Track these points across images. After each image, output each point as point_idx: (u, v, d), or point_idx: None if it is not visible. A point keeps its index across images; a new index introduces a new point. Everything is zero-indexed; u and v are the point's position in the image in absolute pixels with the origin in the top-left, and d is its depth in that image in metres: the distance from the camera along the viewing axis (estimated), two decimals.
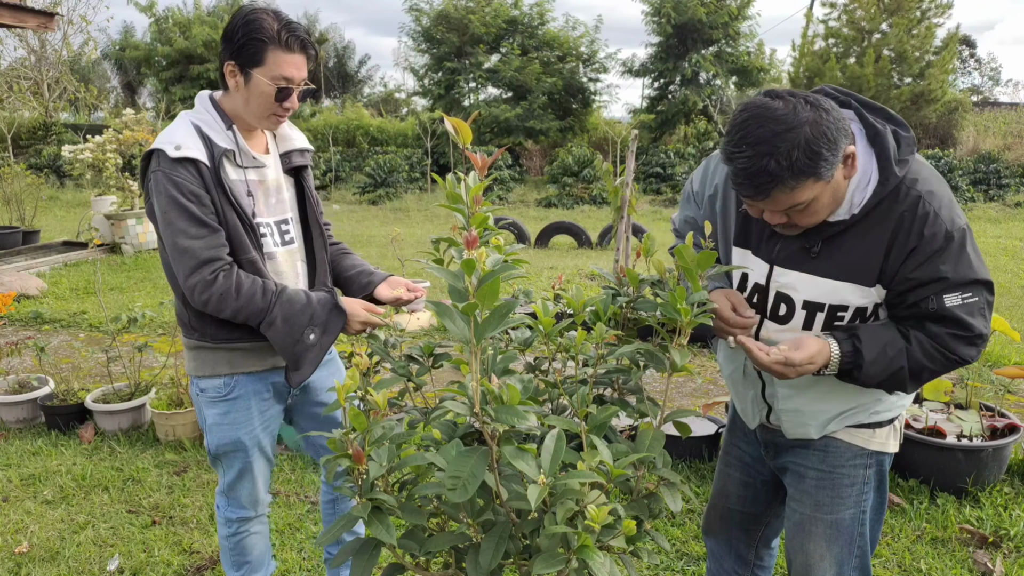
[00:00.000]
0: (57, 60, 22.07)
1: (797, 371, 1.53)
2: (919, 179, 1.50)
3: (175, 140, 1.81)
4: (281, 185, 2.03)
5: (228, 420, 2.01)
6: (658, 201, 17.15)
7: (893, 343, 1.53)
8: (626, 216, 4.36)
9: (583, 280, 8.07)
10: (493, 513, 1.35)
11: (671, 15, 19.10)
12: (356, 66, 35.65)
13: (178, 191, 1.79)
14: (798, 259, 1.59)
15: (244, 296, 1.83)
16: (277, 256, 1.99)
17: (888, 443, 1.74)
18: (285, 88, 1.84)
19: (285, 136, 2.06)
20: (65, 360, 5.29)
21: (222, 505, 2.16)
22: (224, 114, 1.91)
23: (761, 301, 1.67)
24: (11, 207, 11.06)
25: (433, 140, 19.43)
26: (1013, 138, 18.40)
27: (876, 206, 1.50)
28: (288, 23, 1.84)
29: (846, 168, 1.47)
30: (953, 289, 1.49)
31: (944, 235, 1.47)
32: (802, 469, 1.79)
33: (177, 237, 1.80)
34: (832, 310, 1.58)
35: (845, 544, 1.76)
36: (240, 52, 1.82)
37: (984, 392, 3.75)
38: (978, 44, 64.25)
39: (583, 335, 1.56)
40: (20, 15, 8.36)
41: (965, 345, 1.52)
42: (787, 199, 1.43)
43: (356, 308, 1.95)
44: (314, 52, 1.90)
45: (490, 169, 2.42)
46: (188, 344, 2.01)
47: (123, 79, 32.48)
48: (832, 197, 1.49)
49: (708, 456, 3.60)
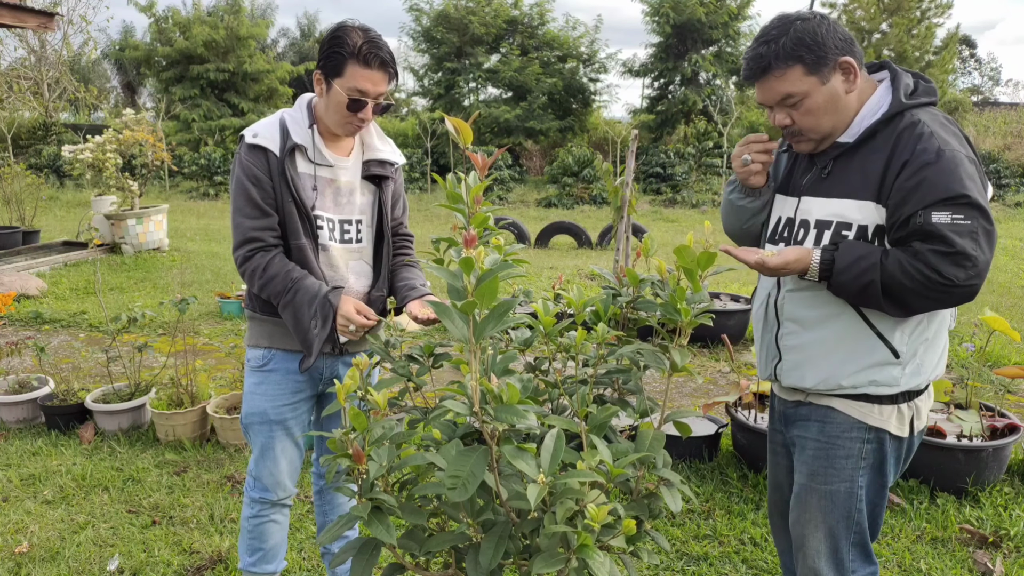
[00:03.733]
0: (57, 60, 22.07)
1: (771, 271, 1.66)
2: (927, 118, 1.61)
3: (256, 129, 2.05)
4: (355, 189, 2.17)
5: (260, 391, 2.17)
6: (658, 201, 17.15)
7: (868, 256, 1.58)
8: (626, 216, 4.36)
9: (583, 280, 8.07)
10: (493, 513, 1.35)
11: (671, 15, 19.10)
12: None
13: (244, 173, 2.02)
14: (815, 185, 1.75)
15: (267, 276, 2.02)
16: (331, 249, 2.12)
17: (889, 422, 1.73)
18: (358, 100, 1.98)
19: (371, 146, 2.21)
20: (65, 360, 5.29)
21: (249, 485, 2.26)
22: (312, 115, 2.09)
23: (789, 232, 1.80)
24: (11, 207, 11.06)
25: (433, 140, 19.43)
26: (1013, 138, 18.40)
27: (881, 130, 1.63)
28: (371, 40, 1.97)
29: (847, 81, 1.64)
30: (942, 206, 1.52)
31: (936, 151, 1.54)
32: (803, 440, 1.83)
33: (235, 213, 2.06)
34: (838, 228, 1.67)
35: (841, 518, 1.77)
36: (325, 62, 1.99)
37: (984, 392, 3.75)
38: (978, 44, 64.27)
39: (583, 335, 1.56)
40: (20, 15, 8.36)
41: (948, 264, 1.51)
42: (778, 86, 1.64)
43: (344, 305, 2.05)
44: (394, 71, 2.03)
45: (490, 169, 2.42)
46: (247, 313, 2.23)
47: (123, 79, 32.48)
48: (831, 104, 1.64)
49: (708, 456, 3.60)
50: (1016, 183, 16.43)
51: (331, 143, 2.13)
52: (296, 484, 2.28)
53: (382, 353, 1.82)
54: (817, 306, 1.72)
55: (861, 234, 1.64)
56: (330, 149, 2.12)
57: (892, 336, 1.68)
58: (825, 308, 1.71)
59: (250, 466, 2.25)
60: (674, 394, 4.68)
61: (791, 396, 1.88)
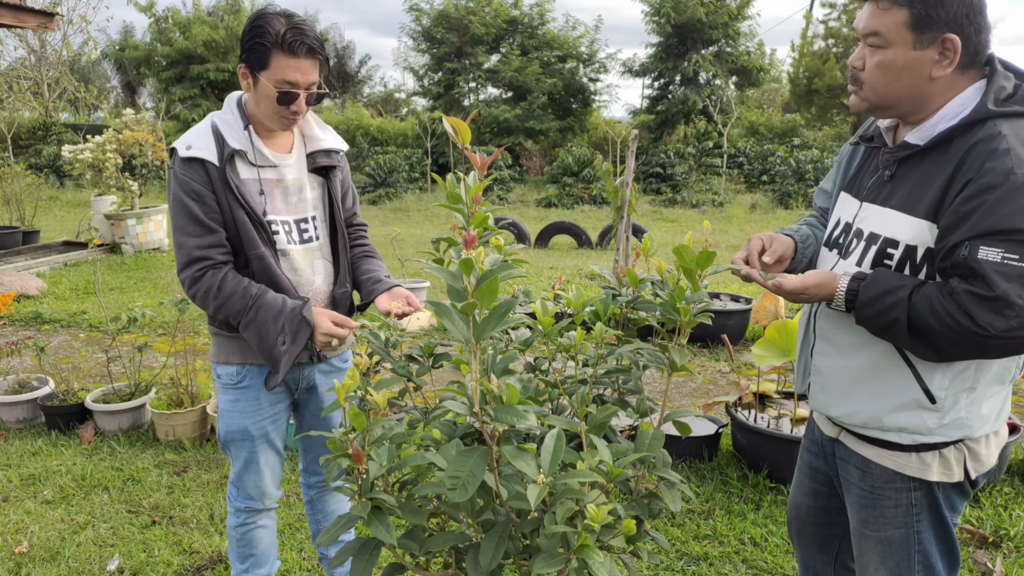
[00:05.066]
0: (57, 60, 22.06)
1: (788, 295, 1.53)
2: (1010, 131, 1.36)
3: (188, 140, 1.90)
4: (304, 184, 2.06)
5: (237, 408, 2.08)
6: (658, 201, 17.14)
7: (896, 291, 1.40)
8: (626, 216, 4.36)
9: (583, 280, 8.07)
10: (493, 513, 1.35)
11: (671, 15, 19.10)
12: (356, 66, 35.64)
13: (182, 189, 1.88)
14: (876, 189, 1.57)
15: (224, 295, 1.90)
16: (292, 253, 2.02)
17: (930, 471, 1.53)
18: (288, 92, 1.86)
19: (313, 136, 2.09)
20: (65, 360, 5.29)
21: (232, 495, 2.21)
22: (244, 115, 1.97)
23: (844, 238, 1.65)
24: (11, 207, 11.06)
25: (433, 140, 19.43)
26: None
27: (957, 138, 1.41)
28: (295, 27, 1.83)
29: (940, 64, 1.41)
30: (994, 240, 1.30)
31: (1005, 172, 1.31)
32: (848, 484, 1.69)
33: (176, 232, 1.92)
34: (884, 245, 1.50)
35: (903, 559, 1.60)
36: (248, 55, 1.86)
37: None
38: None
39: (583, 335, 1.56)
40: (20, 15, 8.36)
41: (986, 310, 1.30)
42: (874, 18, 1.42)
43: (322, 320, 1.95)
44: (324, 57, 1.91)
45: (490, 169, 2.42)
46: (211, 330, 2.10)
47: (123, 79, 32.47)
48: (907, 73, 1.43)
49: (708, 456, 3.61)
50: None
51: (269, 141, 2.00)
52: (279, 486, 2.25)
53: (382, 353, 1.82)
54: (852, 330, 1.55)
55: (908, 255, 1.45)
56: (270, 148, 1.99)
57: (931, 378, 1.48)
58: (861, 335, 1.53)
59: (232, 478, 2.18)
60: (674, 394, 4.68)
61: (827, 429, 1.73)
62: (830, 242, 1.70)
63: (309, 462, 2.35)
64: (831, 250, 1.68)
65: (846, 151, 1.77)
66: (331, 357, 2.19)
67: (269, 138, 2.01)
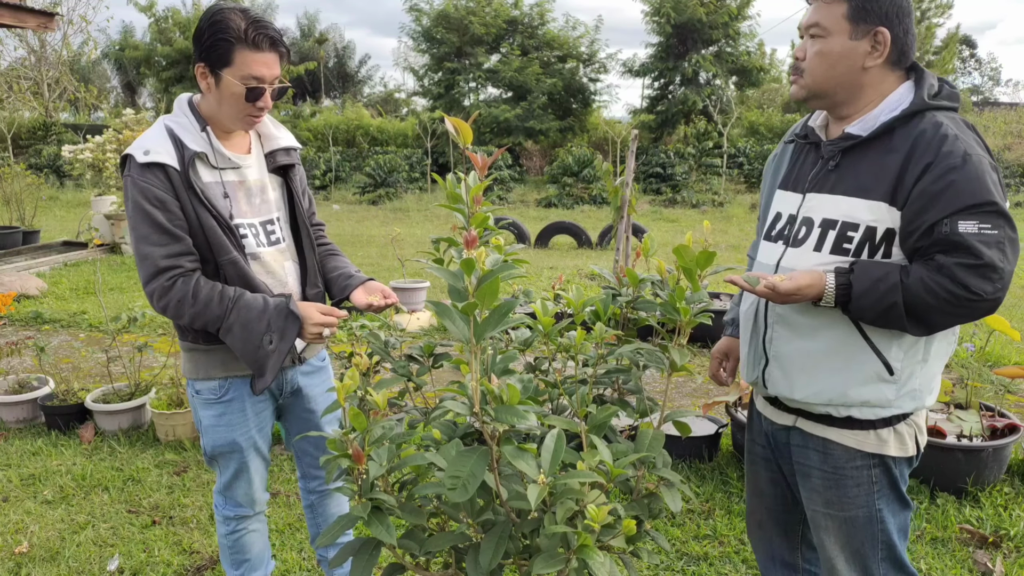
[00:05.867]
0: (57, 60, 22.08)
1: (782, 297, 1.56)
2: (948, 121, 1.53)
3: (145, 145, 1.81)
4: (266, 185, 2.01)
5: (223, 422, 2.02)
6: (658, 201, 17.15)
7: (886, 278, 1.50)
8: (626, 216, 4.36)
9: (583, 280, 8.07)
10: (493, 513, 1.35)
11: (671, 15, 19.11)
12: (356, 66, 35.67)
13: (143, 197, 1.79)
14: (821, 180, 1.66)
15: (201, 302, 1.82)
16: (263, 256, 1.97)
17: (888, 445, 1.66)
18: (255, 88, 1.82)
19: (269, 135, 2.04)
20: (65, 360, 5.29)
21: (220, 504, 2.17)
22: (199, 116, 1.89)
23: (789, 230, 1.73)
24: (11, 207, 11.06)
25: (433, 140, 19.43)
26: (1013, 138, 18.41)
27: (899, 128, 1.56)
28: (256, 20, 1.80)
29: (872, 54, 1.57)
30: (969, 214, 1.44)
31: (962, 155, 1.46)
32: (807, 469, 1.76)
33: (139, 243, 1.82)
34: (843, 228, 1.59)
35: (866, 539, 1.71)
36: (208, 53, 1.79)
37: (984, 392, 3.75)
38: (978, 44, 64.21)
39: (583, 335, 1.56)
40: (20, 15, 8.36)
41: (976, 277, 1.44)
42: (817, 11, 1.60)
43: (311, 312, 1.90)
44: (286, 49, 1.87)
45: (490, 169, 2.42)
46: (183, 347, 2.01)
47: (123, 79, 32.51)
48: (842, 62, 1.58)
49: (708, 456, 3.61)
50: (1016, 183, 16.43)
51: (227, 142, 1.94)
52: (267, 489, 2.22)
53: (382, 353, 1.82)
54: (811, 313, 1.64)
55: (868, 236, 1.56)
56: (229, 149, 1.94)
57: (888, 351, 1.59)
58: (820, 316, 1.63)
59: (219, 488, 2.14)
60: (674, 394, 4.68)
61: (779, 419, 1.80)
62: (772, 235, 1.78)
63: (306, 467, 2.32)
64: (775, 242, 1.75)
65: (775, 155, 1.90)
66: (310, 357, 2.16)
67: (226, 139, 1.95)
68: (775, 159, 1.89)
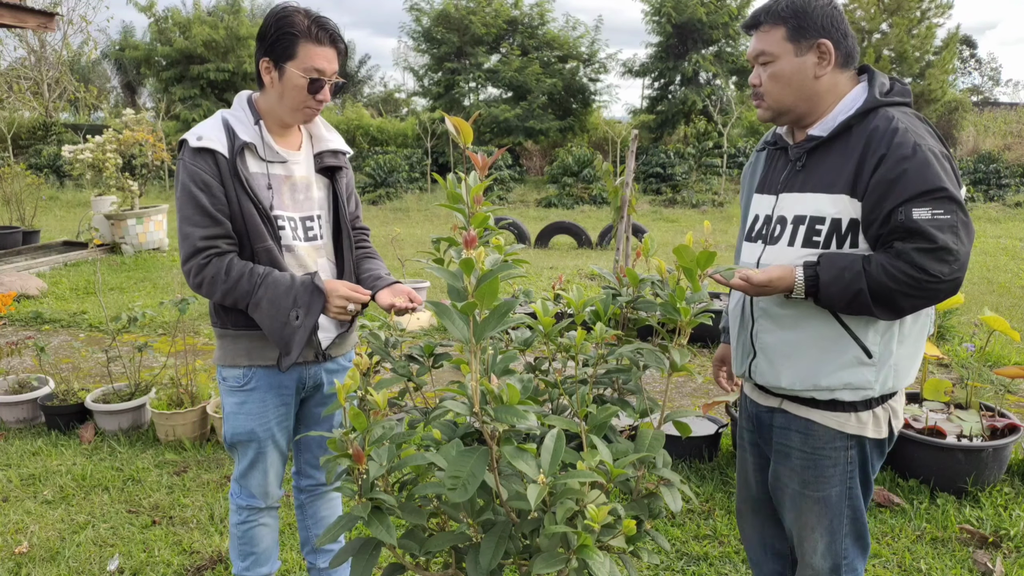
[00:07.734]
0: (57, 60, 22.07)
1: (756, 289, 1.66)
2: (900, 115, 1.63)
3: (199, 132, 1.93)
4: (311, 183, 2.10)
5: (244, 411, 2.08)
6: (658, 201, 17.14)
7: (851, 266, 1.59)
8: (626, 216, 4.36)
9: (583, 280, 8.07)
10: (493, 513, 1.35)
11: (671, 15, 19.10)
12: (356, 66, 35.66)
13: (191, 180, 1.90)
14: (790, 180, 1.77)
15: (232, 278, 1.91)
16: (298, 249, 2.04)
17: (866, 427, 1.75)
18: (317, 80, 1.92)
19: (320, 137, 2.13)
20: (65, 360, 5.29)
21: (235, 492, 2.22)
22: (255, 111, 2.00)
23: (766, 229, 1.83)
24: (11, 207, 11.06)
25: (433, 140, 19.43)
26: (1013, 138, 18.40)
27: (856, 125, 1.66)
28: (318, 18, 1.91)
29: (819, 65, 1.68)
30: (921, 201, 1.53)
31: (912, 146, 1.56)
32: (787, 449, 1.84)
33: (182, 223, 1.93)
34: (812, 223, 1.69)
35: (836, 516, 1.81)
36: (273, 48, 1.90)
37: (984, 392, 3.75)
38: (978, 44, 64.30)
39: (583, 335, 1.56)
40: (20, 15, 8.36)
41: (933, 260, 1.53)
42: (759, 41, 1.72)
43: (335, 286, 1.97)
44: (344, 46, 1.98)
45: (490, 169, 2.42)
46: (216, 333, 2.10)
47: (123, 79, 32.48)
48: (796, 78, 1.69)
49: (708, 456, 3.61)
50: (1016, 183, 16.42)
51: (279, 138, 2.04)
52: (281, 485, 2.24)
53: (382, 353, 1.82)
54: (790, 304, 1.73)
55: (835, 228, 1.65)
56: (279, 144, 2.03)
57: (865, 336, 1.68)
58: (798, 307, 1.72)
59: (236, 475, 2.19)
60: (674, 394, 4.68)
61: (765, 401, 1.89)
62: (752, 236, 1.87)
63: (303, 464, 2.33)
64: (754, 242, 1.85)
65: (751, 163, 2.01)
66: (337, 356, 2.19)
67: (279, 136, 2.04)
68: (751, 167, 1.99)
